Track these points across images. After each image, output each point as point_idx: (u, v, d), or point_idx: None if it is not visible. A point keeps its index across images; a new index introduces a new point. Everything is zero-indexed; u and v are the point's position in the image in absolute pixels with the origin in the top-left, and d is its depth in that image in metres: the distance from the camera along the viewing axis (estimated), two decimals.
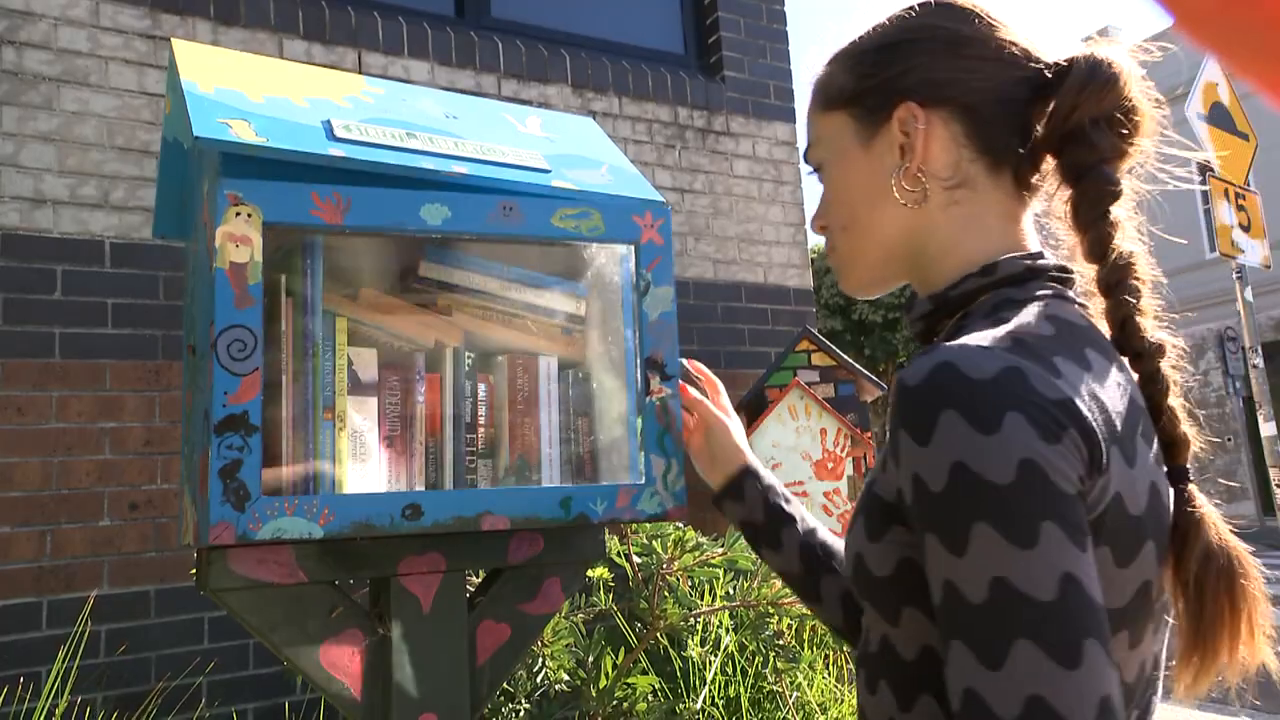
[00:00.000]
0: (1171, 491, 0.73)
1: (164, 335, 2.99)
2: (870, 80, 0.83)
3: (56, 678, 2.55)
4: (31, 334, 2.82)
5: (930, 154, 0.80)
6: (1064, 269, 0.80)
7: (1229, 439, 15.86)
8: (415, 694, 1.16)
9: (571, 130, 1.54)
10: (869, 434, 3.67)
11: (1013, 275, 0.78)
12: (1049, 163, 0.82)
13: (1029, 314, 0.72)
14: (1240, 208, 4.83)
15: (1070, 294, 0.78)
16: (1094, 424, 0.63)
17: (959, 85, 0.80)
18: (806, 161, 0.91)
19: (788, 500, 1.15)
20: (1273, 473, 4.70)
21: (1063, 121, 0.79)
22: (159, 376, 2.97)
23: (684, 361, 1.32)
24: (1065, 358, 0.67)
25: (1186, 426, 0.75)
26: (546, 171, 1.34)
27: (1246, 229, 4.85)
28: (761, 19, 4.48)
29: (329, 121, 1.25)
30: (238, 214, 1.12)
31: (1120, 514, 0.65)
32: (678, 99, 4.18)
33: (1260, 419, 4.72)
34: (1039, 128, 0.81)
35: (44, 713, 2.41)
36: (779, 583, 2.00)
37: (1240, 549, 0.72)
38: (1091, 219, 0.79)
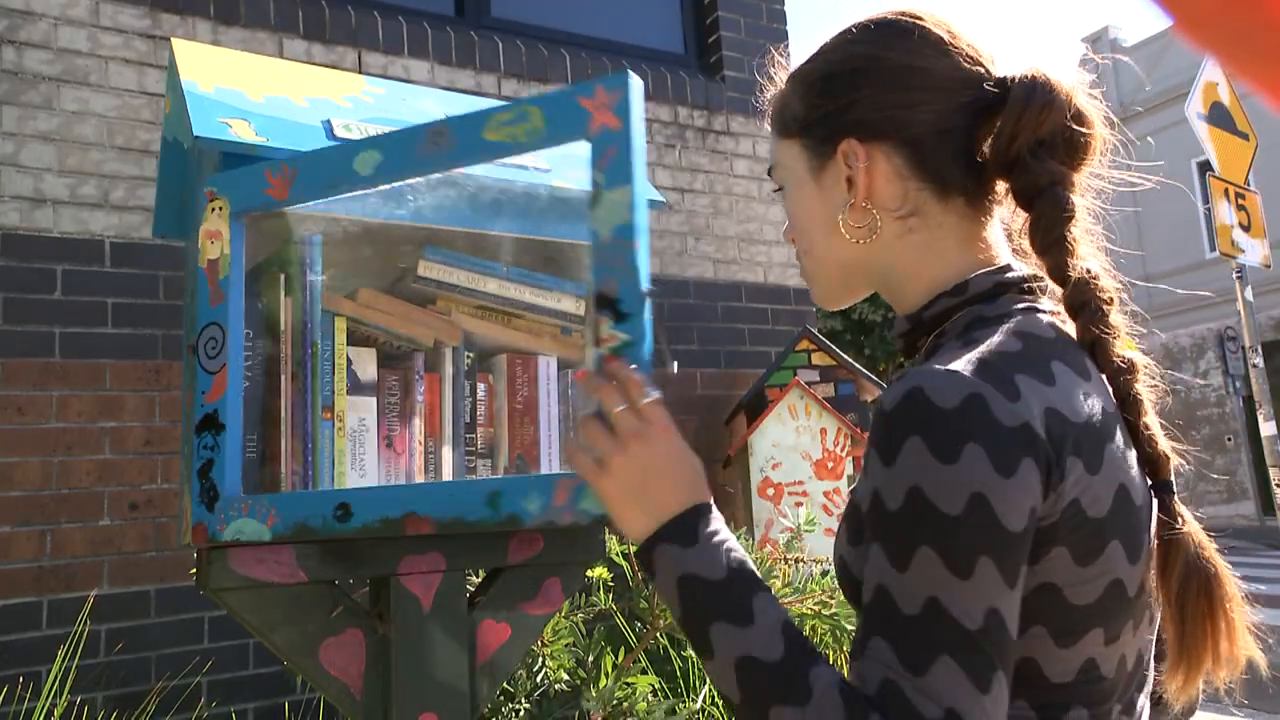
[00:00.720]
0: (1153, 498, 0.75)
1: (164, 335, 2.99)
2: (817, 112, 0.84)
3: (56, 677, 2.55)
4: (31, 334, 2.82)
5: (875, 187, 0.81)
6: (1035, 277, 0.80)
7: (1229, 439, 15.86)
8: (415, 693, 1.16)
9: None
10: (869, 433, 3.66)
11: (982, 293, 0.79)
12: (1001, 184, 0.83)
13: (998, 332, 0.74)
14: (1240, 207, 4.83)
15: (1041, 304, 0.79)
16: (1049, 444, 0.67)
17: (899, 120, 0.80)
18: (771, 178, 0.91)
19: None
20: (1273, 473, 4.70)
21: (1005, 149, 0.79)
22: (159, 376, 2.97)
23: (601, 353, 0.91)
24: (1029, 375, 0.70)
25: (1164, 443, 0.77)
26: (546, 171, 1.34)
27: (1247, 228, 4.85)
28: (761, 19, 4.48)
29: (329, 121, 1.25)
30: (213, 209, 1.12)
31: (1078, 517, 0.68)
32: (678, 99, 4.18)
33: (1260, 419, 4.72)
34: (985, 149, 0.81)
35: (43, 712, 2.41)
36: (779, 582, 2.00)
37: (1219, 563, 0.74)
38: (1048, 243, 0.79)
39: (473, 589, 1.34)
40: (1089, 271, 0.79)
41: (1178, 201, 16.22)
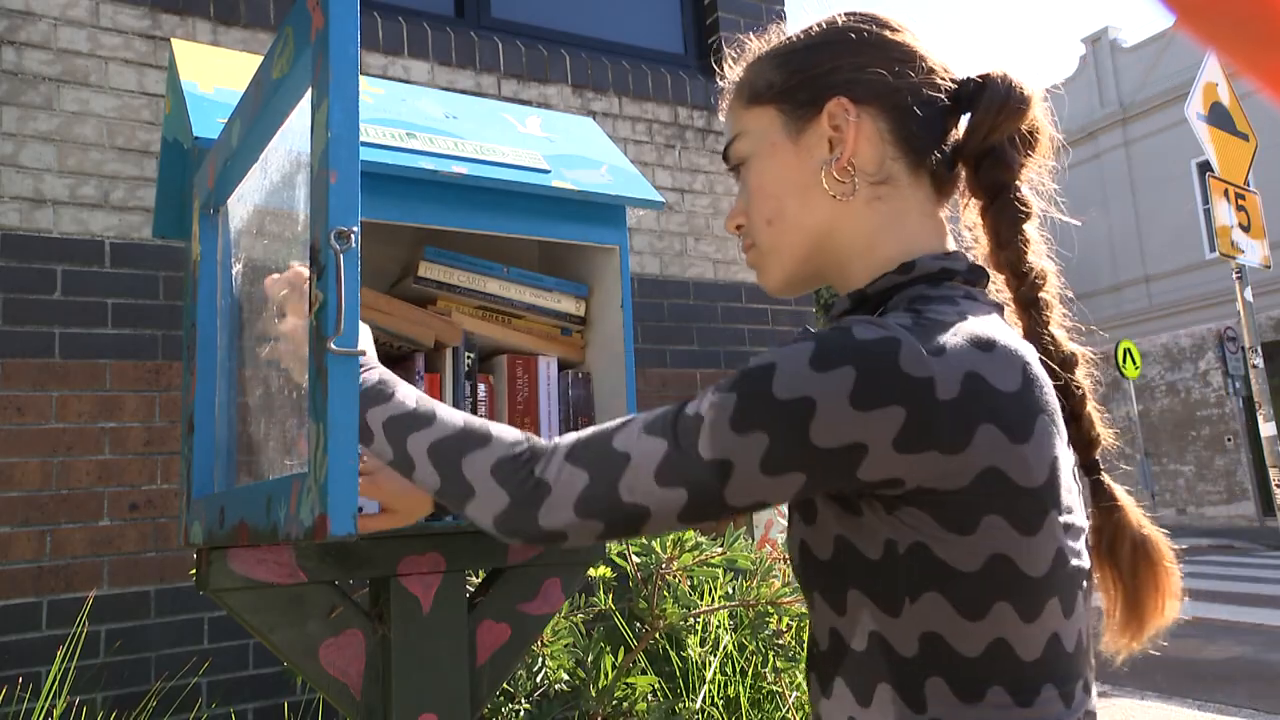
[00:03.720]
0: (1086, 481, 0.81)
1: (164, 335, 2.99)
2: (800, 76, 0.86)
3: (55, 677, 2.55)
4: (31, 334, 2.82)
5: (859, 148, 0.83)
6: (978, 269, 0.83)
7: (1229, 439, 15.87)
8: (415, 694, 1.16)
9: (571, 130, 1.54)
10: None
11: (929, 274, 0.80)
12: (960, 173, 0.87)
13: (942, 306, 0.76)
14: (1240, 208, 4.83)
15: (980, 294, 0.81)
16: (950, 406, 0.67)
17: (887, 85, 0.83)
18: (725, 159, 0.91)
19: None
20: (1273, 473, 4.71)
21: (983, 138, 0.84)
22: (159, 376, 2.97)
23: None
24: (963, 340, 0.71)
25: (1101, 428, 0.82)
26: (546, 172, 1.34)
27: (1246, 229, 4.85)
28: (761, 19, 4.48)
29: None
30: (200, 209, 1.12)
31: (1003, 484, 0.69)
32: (678, 99, 4.18)
33: (1260, 419, 4.72)
34: (954, 138, 0.86)
35: (43, 712, 2.41)
36: (778, 582, 2.00)
37: (1156, 533, 0.81)
38: (1009, 238, 0.84)
39: (473, 589, 1.34)
40: (1041, 269, 0.84)
41: (1178, 202, 16.21)
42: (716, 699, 2.09)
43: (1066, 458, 0.75)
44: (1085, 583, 0.76)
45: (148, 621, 2.82)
